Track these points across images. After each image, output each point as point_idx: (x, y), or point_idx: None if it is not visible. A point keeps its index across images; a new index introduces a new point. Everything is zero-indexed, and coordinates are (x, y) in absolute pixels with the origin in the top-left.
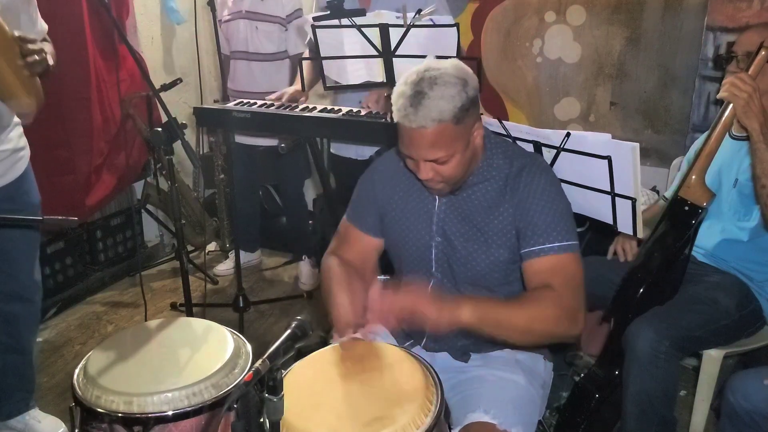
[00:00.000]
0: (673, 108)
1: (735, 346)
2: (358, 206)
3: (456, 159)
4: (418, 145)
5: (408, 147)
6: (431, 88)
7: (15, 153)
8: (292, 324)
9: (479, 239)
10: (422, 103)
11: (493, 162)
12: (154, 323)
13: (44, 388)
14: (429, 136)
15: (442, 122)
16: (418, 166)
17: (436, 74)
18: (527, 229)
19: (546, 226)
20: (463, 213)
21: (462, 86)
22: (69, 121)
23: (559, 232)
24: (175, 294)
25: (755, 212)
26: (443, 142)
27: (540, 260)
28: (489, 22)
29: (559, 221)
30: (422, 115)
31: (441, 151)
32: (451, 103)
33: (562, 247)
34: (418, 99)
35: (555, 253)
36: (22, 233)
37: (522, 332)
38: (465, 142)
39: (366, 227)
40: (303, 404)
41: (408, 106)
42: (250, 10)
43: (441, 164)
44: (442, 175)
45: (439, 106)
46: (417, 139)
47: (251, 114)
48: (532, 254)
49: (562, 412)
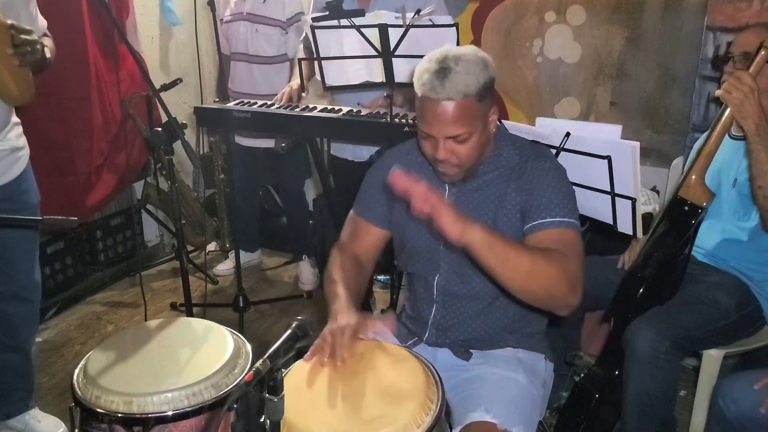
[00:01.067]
0: (673, 108)
1: (735, 346)
2: (365, 198)
3: (474, 138)
4: (442, 121)
5: (430, 123)
6: (457, 64)
7: (13, 152)
8: (292, 324)
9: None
10: (448, 76)
11: (502, 152)
12: (154, 323)
13: (44, 388)
14: (453, 110)
15: (468, 96)
16: (437, 145)
17: (460, 53)
18: (531, 206)
19: (549, 203)
20: (472, 203)
21: (484, 65)
22: (69, 121)
23: (562, 209)
24: (175, 294)
25: (755, 212)
26: (465, 118)
27: (543, 232)
28: (489, 22)
29: (562, 200)
30: (449, 87)
31: (463, 127)
32: (475, 79)
33: (564, 222)
34: (445, 73)
35: (557, 227)
36: (21, 233)
37: (523, 275)
38: (483, 123)
39: (374, 219)
40: (304, 403)
41: (434, 79)
42: (251, 12)
43: (460, 143)
44: (459, 157)
45: (465, 80)
46: (441, 114)
47: (251, 114)
48: (535, 228)
49: (562, 412)
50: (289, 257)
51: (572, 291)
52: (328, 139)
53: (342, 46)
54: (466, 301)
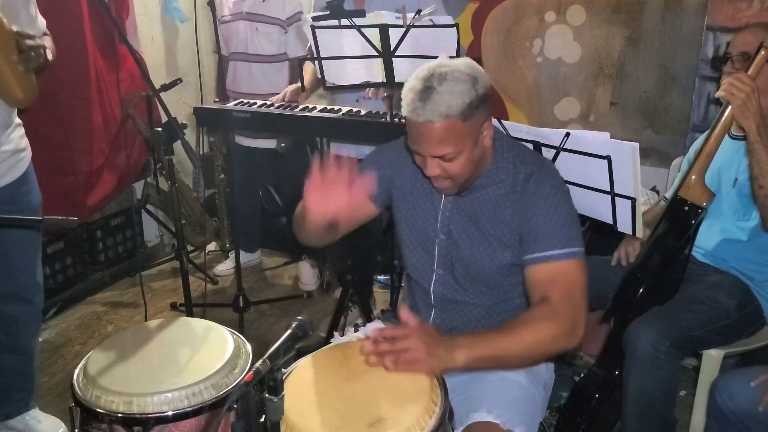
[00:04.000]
0: (673, 108)
1: (735, 346)
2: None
3: (464, 157)
4: (426, 141)
5: (416, 142)
6: (440, 84)
7: (16, 154)
8: (292, 324)
9: (483, 242)
10: (431, 97)
11: (502, 166)
12: (154, 323)
13: (44, 388)
14: (436, 132)
15: (450, 117)
16: (425, 162)
17: (447, 70)
18: (529, 235)
19: (548, 233)
20: (469, 214)
21: (472, 83)
22: (69, 121)
23: (561, 239)
24: (175, 294)
25: (755, 212)
26: (451, 138)
27: (540, 267)
28: (489, 22)
29: (561, 228)
30: (430, 109)
31: (448, 148)
32: (459, 99)
33: (563, 254)
34: (427, 93)
35: (555, 261)
36: (23, 234)
37: (521, 359)
38: (473, 141)
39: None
40: (306, 403)
41: (417, 101)
42: (250, 11)
43: (448, 161)
44: (449, 173)
45: (447, 101)
46: (425, 135)
47: (251, 114)
48: (533, 261)
49: (562, 412)
50: (289, 257)
51: (571, 338)
52: (328, 139)
53: (342, 46)
54: (465, 306)
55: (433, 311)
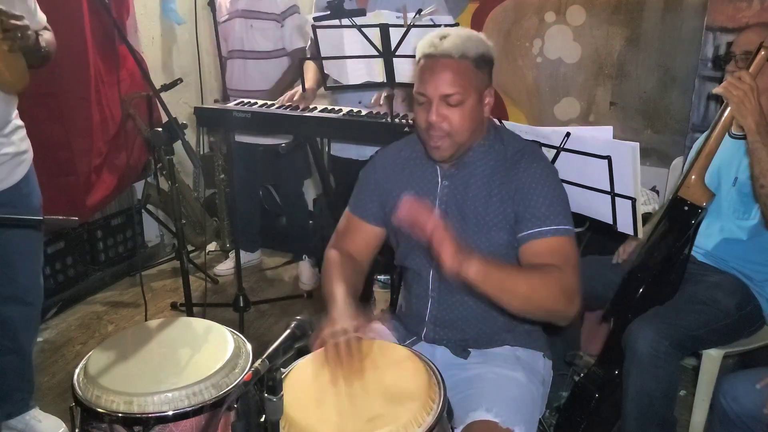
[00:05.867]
0: (673, 108)
1: (735, 346)
2: (359, 196)
3: (467, 106)
4: (438, 76)
5: (427, 82)
6: (458, 33)
7: (17, 156)
8: (291, 324)
9: (479, 223)
10: (449, 38)
11: (494, 144)
12: (155, 323)
13: (44, 388)
14: (451, 66)
15: (465, 58)
16: (430, 107)
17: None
18: (526, 212)
19: (545, 210)
20: (464, 198)
21: (482, 42)
22: (69, 121)
23: (557, 216)
24: (176, 294)
25: (754, 211)
26: (462, 78)
27: (539, 242)
28: (489, 22)
29: (557, 206)
30: (449, 44)
31: (457, 87)
32: (474, 46)
33: (560, 230)
34: (446, 35)
35: (553, 236)
36: (24, 236)
37: (521, 299)
38: (478, 95)
39: (368, 216)
40: (305, 401)
41: (436, 39)
42: (245, 8)
43: (453, 106)
44: (450, 123)
45: (464, 43)
46: (438, 71)
47: (251, 114)
48: (530, 236)
49: (562, 412)
50: (289, 257)
51: (569, 304)
52: (328, 139)
53: (343, 46)
54: (463, 296)
55: (429, 303)
